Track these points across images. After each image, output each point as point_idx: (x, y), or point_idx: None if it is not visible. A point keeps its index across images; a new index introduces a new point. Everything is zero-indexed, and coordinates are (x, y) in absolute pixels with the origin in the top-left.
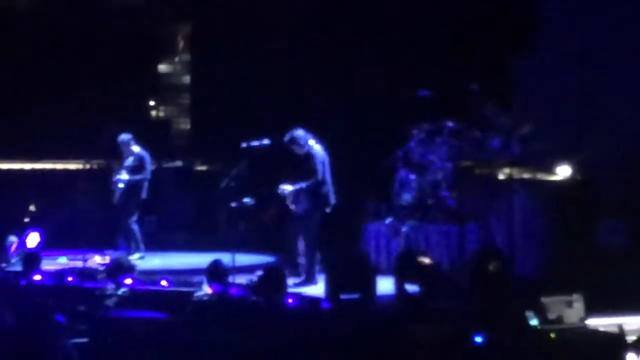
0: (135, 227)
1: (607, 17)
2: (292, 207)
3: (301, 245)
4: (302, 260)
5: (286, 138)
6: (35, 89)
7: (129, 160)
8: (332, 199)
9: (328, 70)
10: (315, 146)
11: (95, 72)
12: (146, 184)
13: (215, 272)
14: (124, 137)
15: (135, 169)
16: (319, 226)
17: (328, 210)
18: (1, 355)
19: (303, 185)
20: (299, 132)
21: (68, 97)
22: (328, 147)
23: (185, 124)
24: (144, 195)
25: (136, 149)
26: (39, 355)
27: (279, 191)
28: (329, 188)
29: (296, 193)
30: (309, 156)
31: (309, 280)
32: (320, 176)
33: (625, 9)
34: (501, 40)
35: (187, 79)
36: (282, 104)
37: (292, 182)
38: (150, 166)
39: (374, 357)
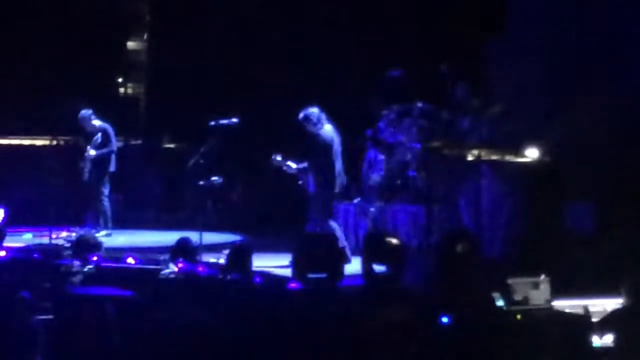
0: (107, 203)
1: (579, 1)
2: (303, 184)
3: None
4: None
5: (300, 115)
6: (1, 64)
7: (95, 137)
8: (341, 180)
9: (298, 49)
10: (325, 126)
11: (63, 48)
12: (113, 157)
13: (183, 250)
14: (84, 112)
15: (100, 145)
16: (325, 206)
17: (337, 190)
18: None
19: (305, 164)
20: (312, 110)
21: (35, 73)
22: (296, 127)
23: (152, 101)
24: (112, 168)
25: (97, 123)
26: (4, 331)
27: (284, 167)
28: (338, 169)
29: (301, 172)
30: (315, 136)
31: None
32: (323, 157)
33: None
34: (473, 21)
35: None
36: (251, 82)
37: (299, 160)
38: (114, 138)
39: (340, 337)
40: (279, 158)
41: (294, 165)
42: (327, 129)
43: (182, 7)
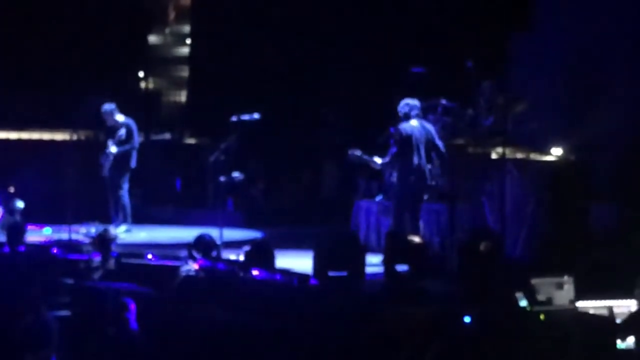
0: (127, 199)
1: None
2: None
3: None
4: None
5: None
6: (23, 58)
7: (117, 132)
8: (422, 176)
9: (320, 45)
10: (411, 123)
11: (84, 42)
12: (134, 153)
13: (203, 247)
14: (107, 107)
15: (122, 141)
16: (401, 200)
17: (414, 186)
18: None
19: (386, 160)
20: (405, 102)
21: (56, 67)
22: (321, 124)
23: (175, 96)
24: (133, 164)
25: (120, 118)
26: (17, 325)
27: (371, 164)
28: (416, 164)
29: (385, 167)
30: (396, 129)
31: None
32: (399, 151)
33: None
34: (498, 16)
35: (179, 50)
36: (279, 77)
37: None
38: (137, 134)
39: (361, 336)
40: (358, 153)
41: (379, 161)
42: (410, 124)
43: (205, 2)
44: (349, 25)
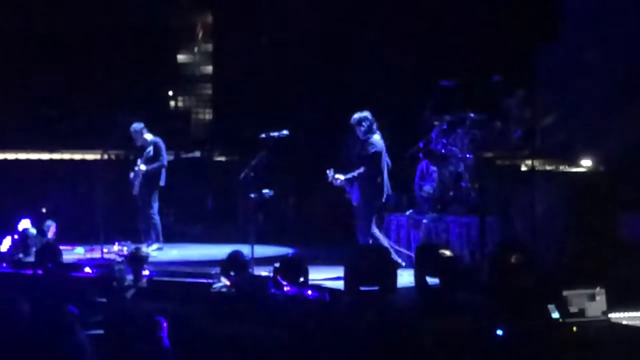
0: (157, 217)
1: (634, 5)
2: (348, 196)
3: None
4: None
5: (353, 118)
6: (53, 79)
7: (145, 151)
8: (387, 190)
9: (348, 61)
10: (375, 135)
11: (114, 62)
12: (163, 171)
13: (235, 264)
14: (136, 125)
15: (151, 158)
16: (371, 216)
17: (383, 200)
18: (15, 344)
19: (354, 174)
20: (366, 115)
21: (86, 87)
22: (348, 138)
23: (204, 115)
24: (162, 182)
25: (149, 136)
26: (51, 344)
27: (333, 181)
28: (384, 178)
29: (348, 182)
30: (366, 143)
31: None
32: (373, 165)
33: None
34: (525, 29)
35: (207, 69)
36: (303, 93)
37: (345, 171)
38: (165, 152)
39: (394, 350)
40: (331, 173)
41: (342, 177)
42: (376, 138)
43: (233, 21)
44: (375, 41)
